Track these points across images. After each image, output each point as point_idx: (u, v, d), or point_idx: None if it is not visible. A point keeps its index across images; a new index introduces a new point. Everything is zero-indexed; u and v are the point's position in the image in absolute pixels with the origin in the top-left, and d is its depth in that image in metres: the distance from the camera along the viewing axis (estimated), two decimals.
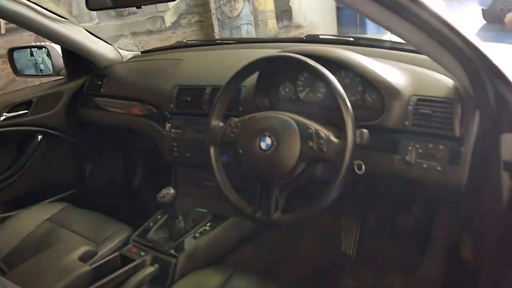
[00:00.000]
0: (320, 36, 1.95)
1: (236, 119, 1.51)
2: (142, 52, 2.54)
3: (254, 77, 1.67)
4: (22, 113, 2.27)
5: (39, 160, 2.36)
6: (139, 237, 1.84)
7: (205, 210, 1.93)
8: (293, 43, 2.13)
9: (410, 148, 1.39)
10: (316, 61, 1.41)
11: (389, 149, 1.43)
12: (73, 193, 2.49)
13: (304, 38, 2.03)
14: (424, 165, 1.38)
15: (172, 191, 1.68)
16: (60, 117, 2.38)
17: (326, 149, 1.33)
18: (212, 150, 1.53)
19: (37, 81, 2.81)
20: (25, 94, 2.29)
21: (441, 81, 1.43)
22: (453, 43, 1.00)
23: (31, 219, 2.02)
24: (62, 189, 2.45)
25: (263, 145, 1.40)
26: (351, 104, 1.35)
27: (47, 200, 2.34)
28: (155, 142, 2.02)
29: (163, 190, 1.69)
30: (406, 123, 1.41)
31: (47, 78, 2.43)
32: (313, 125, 1.37)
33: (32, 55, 2.40)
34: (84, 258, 1.67)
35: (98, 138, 2.55)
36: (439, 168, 1.37)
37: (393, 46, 1.71)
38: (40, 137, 2.36)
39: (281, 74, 1.73)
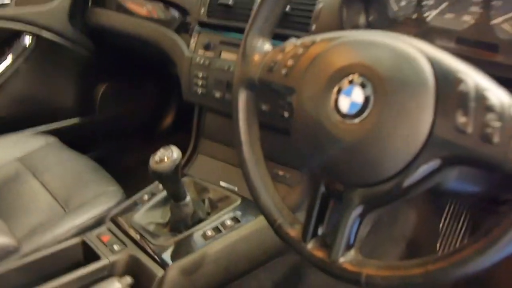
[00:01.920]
0: None
1: (296, 41, 0.91)
2: None
3: None
4: (2, 3, 1.86)
5: (27, 73, 1.94)
6: (121, 216, 1.36)
7: (234, 188, 1.43)
8: None
9: None
10: None
11: None
12: (71, 125, 2.09)
13: None
14: None
15: (175, 154, 1.17)
16: (61, 15, 1.95)
17: (502, 139, 0.62)
18: (241, 95, 0.96)
19: None
20: None
21: None
22: None
23: None
24: (54, 117, 2.04)
25: (345, 103, 0.74)
26: None
27: (33, 129, 1.92)
28: None
29: (160, 150, 1.19)
30: None
31: None
32: (471, 75, 0.67)
33: None
34: None
35: (116, 53, 2.14)
36: None
37: None
38: (28, 39, 1.92)
39: None
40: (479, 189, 0.77)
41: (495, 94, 0.63)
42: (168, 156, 1.15)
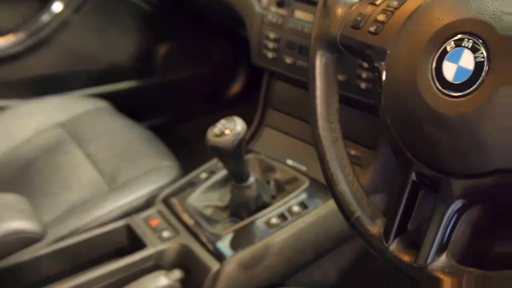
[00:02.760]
0: None
1: None
2: None
3: None
4: None
5: (76, 25, 1.77)
6: (174, 197, 1.24)
7: (302, 167, 1.30)
8: None
9: None
10: None
11: None
12: (127, 88, 1.96)
13: None
14: None
15: (239, 127, 1.05)
16: None
17: None
18: (319, 59, 0.83)
19: None
20: None
21: None
22: None
23: (35, 118, 1.47)
24: (109, 79, 1.91)
25: (450, 71, 0.63)
26: None
27: (83, 91, 1.79)
28: None
29: (221, 121, 1.08)
30: None
31: None
32: None
33: None
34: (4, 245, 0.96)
35: (181, 10, 2.02)
36: None
37: None
38: None
39: None
40: None
41: None
42: (230, 128, 1.03)
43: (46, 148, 1.35)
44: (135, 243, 1.12)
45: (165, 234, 1.12)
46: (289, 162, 1.34)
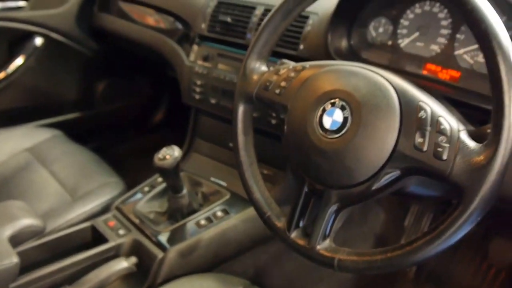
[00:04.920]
0: None
1: (288, 65, 0.97)
2: None
3: (333, 1, 1.21)
4: (18, 6, 1.87)
5: (35, 70, 1.96)
6: (124, 205, 1.42)
7: (223, 183, 1.49)
8: None
9: None
10: None
11: None
12: (73, 118, 2.12)
13: None
14: None
15: (177, 153, 1.24)
16: (69, 18, 1.97)
17: (449, 156, 0.73)
18: (240, 108, 1.01)
19: None
20: None
21: None
22: None
23: (8, 144, 1.67)
24: (60, 111, 2.07)
25: (327, 122, 0.83)
26: None
27: (38, 122, 1.97)
28: None
29: (163, 149, 1.25)
30: None
31: None
32: (429, 104, 0.77)
33: None
34: (21, 236, 1.17)
35: (116, 54, 2.18)
36: None
37: None
38: (39, 40, 1.95)
39: (379, 1, 1.22)
40: (434, 194, 0.87)
41: (447, 120, 0.73)
42: (170, 154, 1.22)
43: (19, 168, 1.54)
44: (98, 239, 1.29)
45: (121, 231, 1.30)
46: (212, 179, 1.49)
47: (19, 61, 1.91)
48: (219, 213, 1.36)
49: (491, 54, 0.69)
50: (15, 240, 1.11)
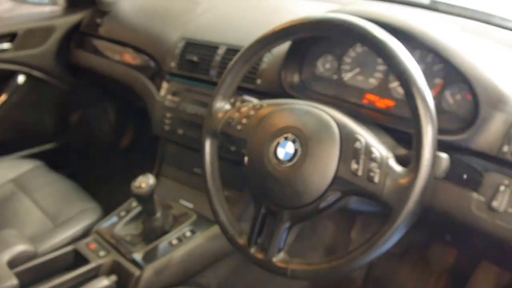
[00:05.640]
0: None
1: (248, 103, 1.09)
2: None
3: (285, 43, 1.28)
4: (3, 49, 1.93)
5: (17, 106, 2.05)
6: (103, 229, 1.50)
7: (190, 205, 1.57)
8: None
9: (502, 188, 0.95)
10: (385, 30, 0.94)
11: (466, 183, 1.00)
12: (52, 147, 2.21)
13: None
14: None
15: (151, 181, 1.32)
16: (48, 57, 2.05)
17: (379, 180, 0.86)
18: (207, 142, 1.13)
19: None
20: (9, 25, 1.95)
21: None
22: None
23: None
24: (39, 141, 2.16)
25: (281, 153, 0.96)
26: None
27: (20, 153, 2.05)
28: None
29: (139, 177, 1.32)
30: (505, 149, 0.96)
31: (39, 7, 2.12)
32: (364, 135, 0.90)
33: None
34: (17, 260, 1.29)
35: (90, 86, 2.28)
36: None
37: (499, 23, 1.25)
38: (21, 78, 2.04)
39: (325, 42, 1.31)
40: (372, 209, 1.00)
41: (378, 149, 0.87)
42: (146, 182, 1.31)
43: (4, 199, 1.62)
44: (81, 260, 1.36)
45: (101, 253, 1.37)
46: (181, 201, 1.57)
47: (2, 98, 1.98)
48: (188, 233, 1.44)
49: (412, 97, 0.83)
50: (11, 264, 1.22)
